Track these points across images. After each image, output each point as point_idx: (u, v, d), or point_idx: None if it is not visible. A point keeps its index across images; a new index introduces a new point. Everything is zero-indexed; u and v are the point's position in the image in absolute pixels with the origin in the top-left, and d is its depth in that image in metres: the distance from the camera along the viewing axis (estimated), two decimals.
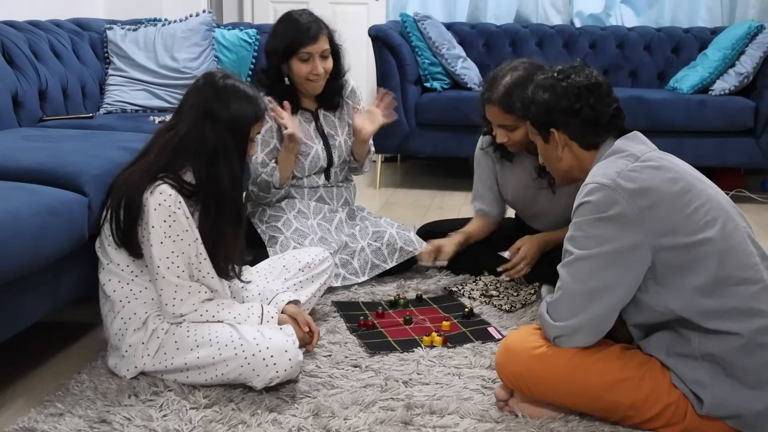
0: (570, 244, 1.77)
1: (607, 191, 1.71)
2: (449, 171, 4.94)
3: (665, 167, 1.75)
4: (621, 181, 1.71)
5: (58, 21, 3.59)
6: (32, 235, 1.87)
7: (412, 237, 2.87)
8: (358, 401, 1.93)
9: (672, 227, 1.68)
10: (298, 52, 2.71)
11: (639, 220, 1.68)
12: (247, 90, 2.02)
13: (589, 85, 1.87)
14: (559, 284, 1.78)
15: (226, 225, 2.02)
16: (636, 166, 1.75)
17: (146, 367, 2.00)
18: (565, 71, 1.91)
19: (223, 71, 2.06)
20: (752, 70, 4.22)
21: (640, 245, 1.68)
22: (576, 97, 1.86)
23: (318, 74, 2.74)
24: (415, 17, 4.53)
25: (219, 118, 1.96)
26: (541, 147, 1.98)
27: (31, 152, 2.30)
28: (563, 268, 1.78)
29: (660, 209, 1.69)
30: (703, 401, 1.68)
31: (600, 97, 1.87)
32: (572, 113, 1.86)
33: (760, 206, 4.18)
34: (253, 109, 2.01)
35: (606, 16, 5.08)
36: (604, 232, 1.71)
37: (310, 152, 2.84)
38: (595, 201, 1.72)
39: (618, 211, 1.69)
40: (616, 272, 1.71)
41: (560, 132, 1.90)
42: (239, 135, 1.99)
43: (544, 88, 1.91)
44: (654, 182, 1.71)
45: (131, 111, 3.49)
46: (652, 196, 1.69)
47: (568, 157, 1.92)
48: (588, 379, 1.76)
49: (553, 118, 1.89)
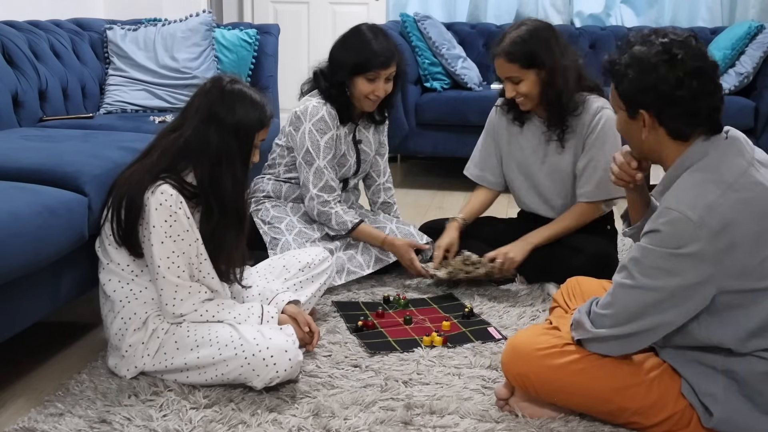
0: (634, 267, 1.65)
1: (692, 227, 1.56)
2: (449, 171, 4.94)
3: (756, 201, 1.59)
4: (708, 219, 1.56)
5: (58, 21, 3.59)
6: (32, 235, 1.87)
7: (412, 231, 2.91)
8: (358, 401, 1.93)
9: (745, 271, 1.58)
10: (367, 73, 2.69)
11: (715, 260, 1.57)
12: (254, 96, 2.01)
13: (696, 67, 1.62)
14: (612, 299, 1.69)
15: (228, 229, 2.02)
16: (728, 199, 1.58)
17: (146, 367, 2.00)
18: (668, 46, 1.63)
19: (231, 76, 2.06)
20: (752, 70, 4.22)
21: (708, 283, 1.59)
22: (678, 81, 1.62)
23: (378, 96, 2.73)
24: (415, 17, 4.53)
25: (224, 123, 1.96)
26: (623, 119, 1.75)
27: (31, 152, 2.30)
28: (621, 289, 1.67)
29: (738, 252, 1.57)
30: (712, 414, 1.65)
31: (704, 84, 1.63)
32: (670, 101, 1.64)
33: None
34: (259, 116, 2.01)
35: (606, 16, 5.08)
36: (675, 267, 1.59)
37: (346, 164, 2.86)
38: (676, 233, 1.58)
39: (696, 249, 1.57)
40: (675, 307, 1.62)
41: (650, 115, 1.68)
42: (243, 141, 1.99)
43: (643, 64, 1.65)
44: (740, 223, 1.57)
45: (131, 111, 3.49)
46: (734, 237, 1.56)
47: (652, 140, 1.71)
48: (596, 382, 1.74)
49: (646, 100, 1.66)
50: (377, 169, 3.04)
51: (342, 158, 2.83)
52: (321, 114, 2.72)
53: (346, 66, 2.69)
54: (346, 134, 2.83)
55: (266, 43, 3.89)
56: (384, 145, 3.03)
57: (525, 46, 2.53)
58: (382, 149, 3.03)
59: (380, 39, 2.70)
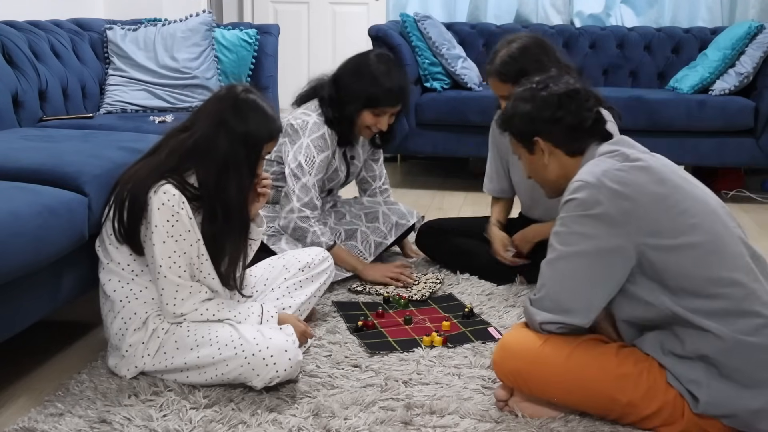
0: (555, 239, 1.79)
1: (591, 189, 1.73)
2: (449, 171, 4.94)
3: (652, 168, 1.76)
4: (605, 180, 1.73)
5: (58, 21, 3.59)
6: (32, 235, 1.87)
7: (403, 209, 3.01)
8: (358, 401, 1.93)
9: (656, 229, 1.69)
10: (374, 109, 2.69)
11: (622, 221, 1.70)
12: (266, 108, 2.03)
13: (569, 92, 1.90)
14: (542, 280, 1.80)
15: (230, 234, 2.03)
16: (624, 166, 1.76)
17: (146, 367, 2.00)
18: (542, 81, 1.94)
19: (245, 85, 2.07)
20: (752, 70, 4.21)
21: (624, 246, 1.70)
22: (557, 105, 1.89)
23: (380, 129, 2.73)
24: (415, 17, 4.53)
25: (234, 131, 1.97)
26: (527, 160, 1.99)
27: (31, 152, 2.30)
28: (547, 265, 1.80)
29: (643, 211, 1.70)
30: (698, 400, 1.68)
31: (580, 102, 1.89)
32: (555, 121, 1.89)
33: (760, 206, 4.17)
34: (269, 128, 2.02)
35: (606, 16, 5.08)
36: (588, 230, 1.73)
37: (336, 179, 2.88)
38: (580, 198, 1.74)
39: (601, 210, 1.71)
40: (599, 270, 1.73)
41: (545, 140, 1.91)
42: (251, 150, 2.00)
43: (524, 99, 1.94)
44: (638, 183, 1.73)
45: (131, 111, 3.49)
46: (635, 198, 1.71)
47: (555, 165, 1.93)
48: (586, 375, 1.76)
49: (536, 128, 1.91)
50: (372, 173, 3.05)
51: (333, 173, 2.84)
52: (322, 132, 2.72)
53: (358, 98, 2.67)
54: (339, 149, 2.84)
55: (266, 43, 3.90)
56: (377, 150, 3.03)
57: (516, 65, 2.52)
58: (375, 155, 3.03)
59: (393, 75, 2.69)
